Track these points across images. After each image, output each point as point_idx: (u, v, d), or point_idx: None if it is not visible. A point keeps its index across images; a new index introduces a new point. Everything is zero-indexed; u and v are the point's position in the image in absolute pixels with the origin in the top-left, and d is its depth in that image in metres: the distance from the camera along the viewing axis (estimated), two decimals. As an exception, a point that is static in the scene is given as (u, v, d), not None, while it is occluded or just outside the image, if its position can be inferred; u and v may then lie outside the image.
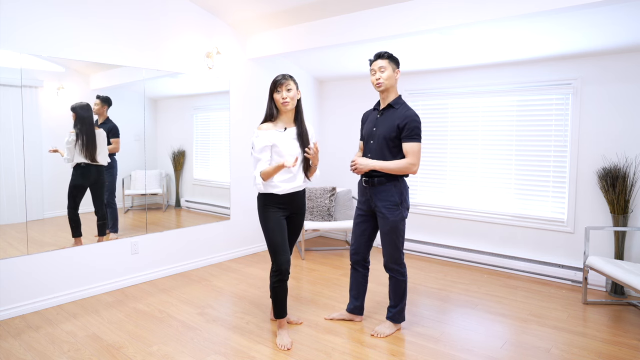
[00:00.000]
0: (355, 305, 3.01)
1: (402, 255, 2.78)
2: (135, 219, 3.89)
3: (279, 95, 2.60)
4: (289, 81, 2.61)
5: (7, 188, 3.07)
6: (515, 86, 4.08)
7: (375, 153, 2.71)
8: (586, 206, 3.77)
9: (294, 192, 2.73)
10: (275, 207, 2.69)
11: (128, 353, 2.58)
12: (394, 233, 2.71)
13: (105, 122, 3.62)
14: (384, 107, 2.73)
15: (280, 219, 2.69)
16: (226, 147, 4.51)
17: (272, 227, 2.67)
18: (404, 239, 2.77)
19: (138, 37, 3.67)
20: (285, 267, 2.65)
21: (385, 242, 2.75)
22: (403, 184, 2.72)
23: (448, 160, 4.58)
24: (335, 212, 4.92)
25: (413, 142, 2.61)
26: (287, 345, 2.65)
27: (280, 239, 2.67)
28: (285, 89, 2.60)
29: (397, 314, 2.85)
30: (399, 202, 2.69)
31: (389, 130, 2.65)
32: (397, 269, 2.78)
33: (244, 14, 4.09)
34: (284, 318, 2.76)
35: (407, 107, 2.69)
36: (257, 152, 2.61)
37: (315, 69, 5.13)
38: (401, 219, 2.71)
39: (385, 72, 2.64)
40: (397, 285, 2.81)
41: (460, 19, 3.10)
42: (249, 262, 4.42)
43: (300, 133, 2.69)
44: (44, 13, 3.13)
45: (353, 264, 2.97)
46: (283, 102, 2.59)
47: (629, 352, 2.63)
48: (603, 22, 3.10)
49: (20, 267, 3.11)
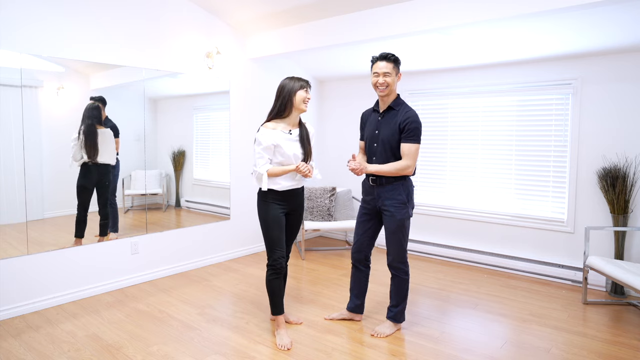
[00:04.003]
0: (356, 304, 3.01)
1: (406, 254, 2.79)
2: (135, 219, 3.89)
3: (307, 95, 2.68)
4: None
5: (7, 188, 3.07)
6: (515, 86, 4.08)
7: (380, 156, 2.72)
8: (586, 206, 3.77)
9: (292, 189, 2.75)
10: (274, 203, 2.71)
11: (128, 353, 2.58)
12: (400, 231, 2.72)
13: (105, 122, 3.63)
14: (385, 110, 2.74)
15: (279, 215, 2.72)
16: (226, 147, 4.51)
17: (270, 222, 2.71)
18: (408, 237, 2.79)
19: (138, 37, 3.67)
20: (280, 263, 2.71)
21: (392, 241, 2.75)
22: (409, 182, 2.74)
23: (448, 160, 4.58)
24: (335, 212, 4.92)
25: (411, 143, 2.62)
26: (287, 345, 2.65)
27: (277, 234, 2.71)
28: (309, 92, 2.72)
29: (398, 314, 2.85)
30: (406, 200, 2.71)
31: (392, 133, 2.66)
32: (402, 267, 2.78)
33: (244, 14, 4.09)
34: (281, 315, 2.78)
35: (408, 108, 2.69)
36: (261, 149, 2.63)
37: (315, 69, 5.13)
38: (407, 217, 2.73)
39: (390, 77, 2.64)
40: (401, 285, 2.81)
41: (460, 19, 3.10)
42: (249, 262, 4.42)
43: (303, 135, 2.76)
44: (44, 13, 3.13)
45: (355, 262, 2.98)
46: (305, 102, 2.69)
47: (629, 352, 2.63)
48: (603, 22, 3.10)
49: (20, 267, 3.11)
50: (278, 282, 2.74)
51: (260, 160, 2.64)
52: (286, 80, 2.70)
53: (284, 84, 2.69)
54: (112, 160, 3.62)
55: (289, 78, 2.71)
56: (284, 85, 2.69)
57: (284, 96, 2.67)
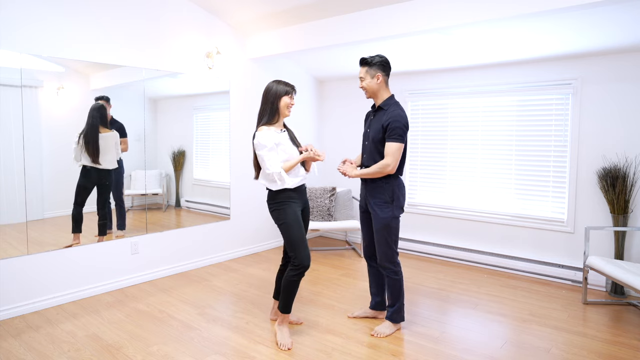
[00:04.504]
0: (376, 301, 3.04)
1: (395, 254, 2.78)
2: (135, 219, 3.89)
3: (291, 101, 2.72)
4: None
5: (7, 188, 3.07)
6: (515, 86, 4.08)
7: (368, 154, 2.79)
8: (586, 206, 3.77)
9: (301, 185, 2.79)
10: (291, 202, 2.71)
11: (128, 353, 2.58)
12: (385, 231, 2.73)
13: (112, 123, 3.63)
14: (376, 109, 2.80)
15: (298, 213, 2.72)
16: (226, 147, 4.51)
17: (292, 223, 2.68)
18: (397, 237, 2.78)
19: (138, 37, 3.67)
20: (307, 262, 2.66)
21: (377, 240, 2.78)
22: (396, 182, 2.73)
23: (448, 160, 4.58)
24: (335, 212, 4.92)
25: (392, 142, 2.64)
26: (288, 345, 2.65)
27: (301, 234, 2.70)
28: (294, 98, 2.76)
29: (395, 314, 2.85)
30: (390, 200, 2.71)
31: (377, 132, 2.71)
32: (390, 267, 2.78)
33: (244, 14, 4.09)
34: (289, 314, 2.77)
35: (395, 107, 2.70)
36: (268, 150, 2.61)
37: (315, 69, 5.13)
38: (392, 217, 2.72)
39: (365, 80, 2.74)
40: (392, 284, 2.82)
41: (460, 19, 3.10)
42: (249, 262, 4.42)
43: (291, 136, 2.80)
44: (44, 13, 3.13)
45: (367, 259, 3.03)
46: (289, 108, 2.73)
47: (629, 352, 2.63)
48: (603, 22, 3.10)
49: (20, 267, 3.11)
50: (299, 282, 2.71)
51: (271, 161, 2.62)
52: (272, 84, 2.71)
53: (270, 87, 2.70)
54: (112, 166, 3.62)
55: (276, 81, 2.71)
56: (270, 89, 2.70)
57: (272, 101, 2.69)
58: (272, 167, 2.62)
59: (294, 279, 2.69)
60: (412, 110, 4.79)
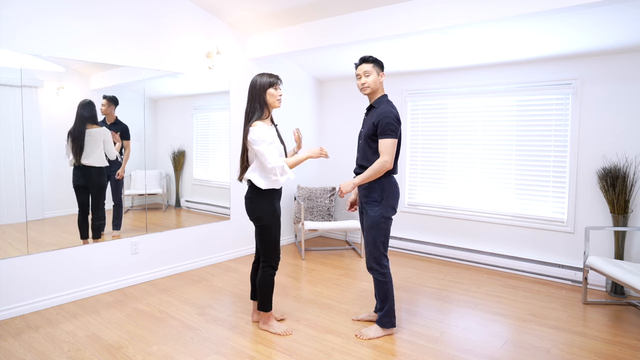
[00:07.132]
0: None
1: (382, 255, 2.73)
2: (135, 219, 3.89)
3: (277, 92, 2.67)
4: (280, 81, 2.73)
5: (7, 188, 3.07)
6: (515, 86, 4.08)
7: (362, 152, 2.80)
8: (586, 206, 3.77)
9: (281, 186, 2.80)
10: (276, 200, 2.75)
11: (128, 353, 2.58)
12: (373, 230, 2.71)
13: (116, 123, 3.61)
14: (369, 108, 2.80)
15: (279, 213, 2.77)
16: (226, 147, 4.51)
17: (277, 222, 2.73)
18: (386, 238, 2.74)
19: (138, 37, 3.67)
20: (279, 261, 2.81)
21: (366, 239, 2.78)
22: (387, 182, 2.69)
23: (448, 160, 4.58)
24: (335, 212, 4.92)
25: (384, 138, 2.63)
26: (288, 331, 2.77)
27: (279, 235, 2.78)
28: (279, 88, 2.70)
29: (382, 318, 2.80)
30: (379, 199, 2.69)
31: (368, 130, 2.71)
32: (377, 269, 2.74)
33: (244, 14, 4.09)
34: (270, 311, 2.86)
35: (386, 105, 2.68)
36: (268, 144, 2.58)
37: (315, 69, 5.13)
38: (381, 217, 2.69)
39: (370, 76, 2.70)
40: (379, 287, 2.77)
41: (460, 19, 3.10)
42: (249, 262, 4.42)
43: (278, 132, 2.79)
44: (44, 13, 3.13)
45: None
46: (278, 100, 2.69)
47: (629, 352, 2.63)
48: (603, 22, 3.10)
49: (20, 267, 3.11)
50: (274, 279, 2.82)
51: (272, 155, 2.57)
52: (256, 77, 2.67)
53: (254, 81, 2.66)
54: (100, 163, 3.48)
55: (259, 74, 2.68)
56: (255, 83, 2.65)
57: (258, 95, 2.64)
58: (274, 161, 2.56)
59: (271, 278, 2.76)
60: (412, 110, 4.79)
